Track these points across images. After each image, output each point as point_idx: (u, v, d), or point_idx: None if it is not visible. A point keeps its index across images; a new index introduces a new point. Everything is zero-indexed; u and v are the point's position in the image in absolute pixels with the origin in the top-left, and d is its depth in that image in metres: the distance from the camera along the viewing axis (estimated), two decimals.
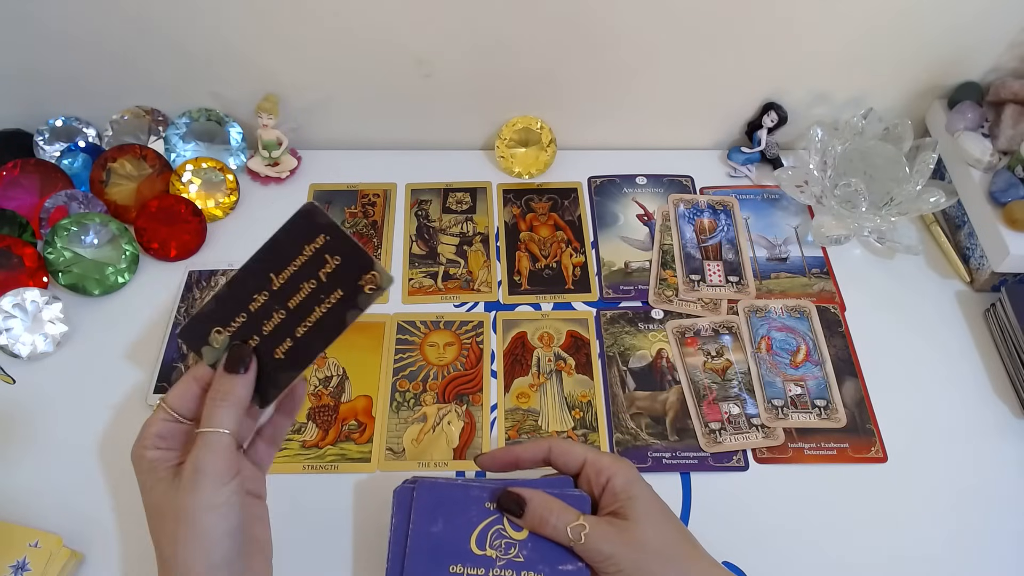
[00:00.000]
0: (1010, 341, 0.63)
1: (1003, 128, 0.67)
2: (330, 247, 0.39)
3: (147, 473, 0.39)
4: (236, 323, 0.41)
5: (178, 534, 0.37)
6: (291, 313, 0.40)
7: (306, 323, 0.41)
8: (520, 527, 0.45)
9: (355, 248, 0.39)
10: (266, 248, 0.40)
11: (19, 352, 0.62)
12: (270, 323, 0.41)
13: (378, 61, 0.71)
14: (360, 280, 0.40)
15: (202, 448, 0.38)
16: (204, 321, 0.41)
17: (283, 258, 0.40)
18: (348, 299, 0.40)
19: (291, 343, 0.41)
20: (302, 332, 0.41)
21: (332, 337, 0.41)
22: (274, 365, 0.41)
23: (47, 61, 0.70)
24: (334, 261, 0.40)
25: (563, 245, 0.72)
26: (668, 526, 0.44)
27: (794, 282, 0.69)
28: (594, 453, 0.46)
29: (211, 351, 0.41)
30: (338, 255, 0.40)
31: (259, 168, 0.76)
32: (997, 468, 0.58)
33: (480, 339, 0.65)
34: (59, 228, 0.66)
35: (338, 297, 0.40)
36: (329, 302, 0.40)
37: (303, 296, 0.40)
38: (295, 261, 0.40)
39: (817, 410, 0.60)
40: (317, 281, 0.40)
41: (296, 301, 0.40)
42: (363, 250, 0.40)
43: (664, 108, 0.77)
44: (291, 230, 0.40)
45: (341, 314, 0.41)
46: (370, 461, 0.58)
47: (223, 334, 0.41)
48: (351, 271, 0.40)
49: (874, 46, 0.70)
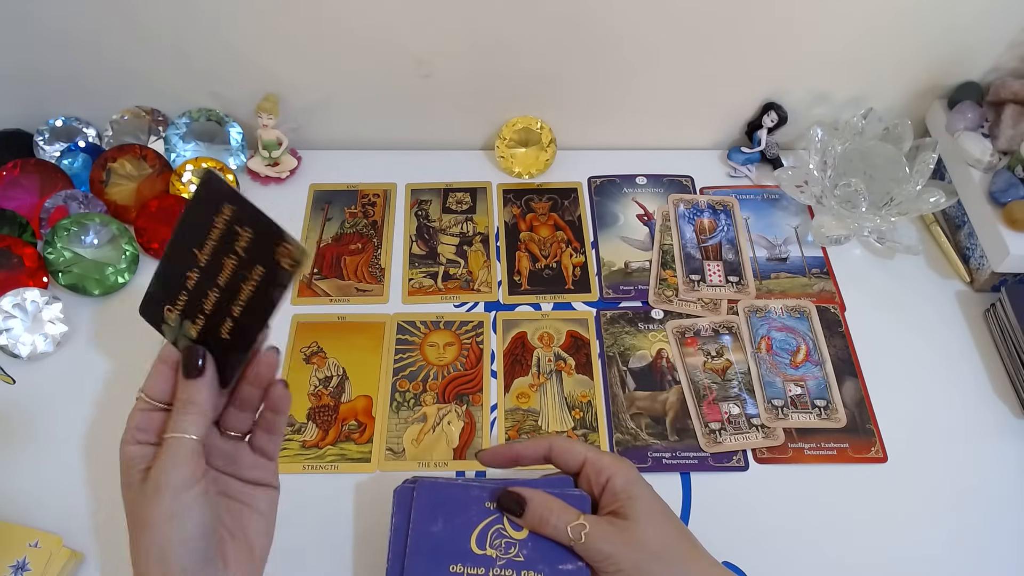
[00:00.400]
0: (1010, 341, 0.63)
1: (1003, 128, 0.67)
2: (237, 217, 0.38)
3: (125, 471, 0.39)
4: (181, 301, 0.40)
5: (140, 541, 0.37)
6: (223, 291, 0.39)
7: (238, 302, 0.39)
8: (520, 527, 0.45)
9: (260, 217, 0.37)
10: (181, 221, 0.39)
11: (19, 352, 0.62)
12: (208, 301, 0.39)
13: (378, 61, 0.71)
14: (275, 254, 0.37)
15: (164, 455, 0.38)
16: (154, 299, 0.41)
17: (198, 231, 0.39)
18: (269, 276, 0.38)
19: (231, 323, 0.39)
20: (237, 312, 0.39)
21: (265, 317, 0.39)
22: (223, 346, 0.40)
23: (47, 61, 0.70)
24: (246, 233, 0.38)
25: (563, 245, 0.72)
26: (668, 526, 0.44)
27: (794, 282, 0.69)
28: (594, 452, 0.46)
29: (169, 329, 0.41)
30: (248, 226, 0.38)
31: (259, 168, 0.76)
32: (997, 468, 0.58)
33: (480, 339, 0.65)
34: (59, 228, 0.66)
35: (260, 274, 0.38)
36: (253, 280, 0.38)
37: (228, 273, 0.39)
38: (210, 234, 0.38)
39: (817, 410, 0.60)
40: (237, 256, 0.38)
41: (224, 279, 0.39)
42: (268, 219, 0.37)
43: (664, 108, 0.77)
44: (197, 201, 0.39)
45: (267, 292, 0.38)
46: (370, 461, 0.58)
47: (174, 312, 0.40)
48: (264, 244, 0.37)
49: (874, 46, 0.70)
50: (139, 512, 0.37)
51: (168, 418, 0.39)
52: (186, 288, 0.40)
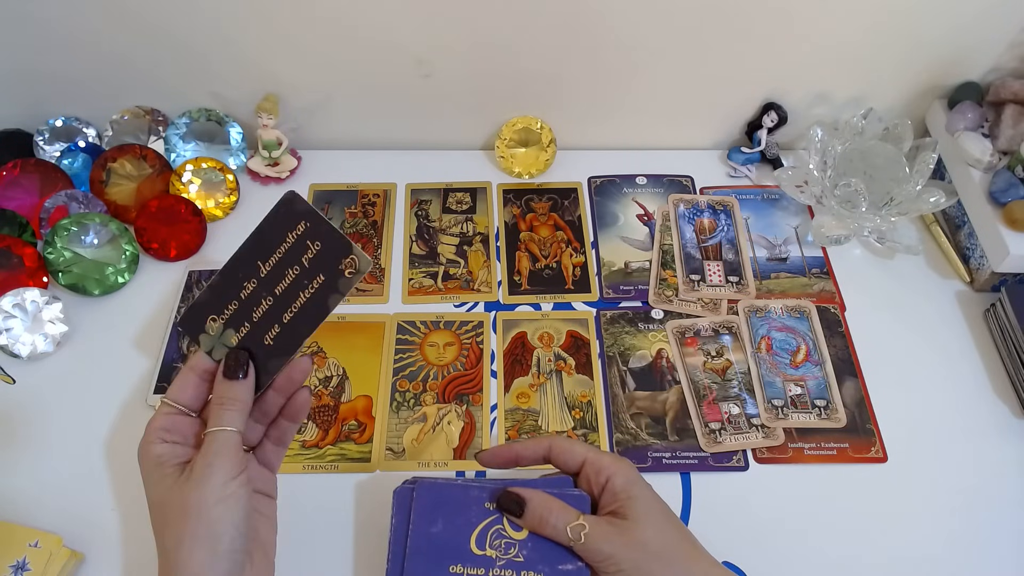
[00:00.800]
0: (1010, 341, 0.63)
1: (1003, 128, 0.67)
2: (311, 233, 0.42)
3: (153, 468, 0.40)
4: (229, 311, 0.43)
5: (184, 527, 0.38)
6: (278, 299, 0.43)
7: (292, 308, 0.43)
8: (520, 527, 0.45)
9: (334, 233, 0.42)
10: (253, 237, 0.43)
11: (19, 352, 0.62)
12: (259, 310, 0.43)
13: (378, 61, 0.71)
14: (340, 264, 0.42)
15: (211, 445, 0.39)
16: (200, 310, 0.44)
17: (268, 246, 0.43)
18: (329, 283, 0.42)
19: (279, 329, 0.43)
20: (288, 318, 0.43)
21: (317, 321, 0.43)
22: (265, 352, 0.43)
23: (47, 61, 0.70)
24: (315, 247, 0.42)
25: (563, 245, 0.72)
26: (668, 526, 0.44)
27: (794, 282, 0.69)
28: (594, 452, 0.46)
29: (208, 338, 0.43)
30: (318, 240, 0.42)
31: (259, 168, 0.76)
32: (997, 468, 0.58)
33: (480, 339, 0.65)
34: (59, 228, 0.66)
35: (320, 282, 0.42)
36: (312, 287, 0.42)
37: (288, 282, 0.43)
38: (279, 248, 0.43)
39: (817, 410, 0.60)
40: (300, 267, 0.42)
41: (282, 287, 0.43)
42: (342, 235, 0.42)
43: (664, 108, 0.77)
44: (274, 218, 0.43)
45: (324, 298, 0.42)
46: (370, 461, 0.58)
47: (218, 321, 0.43)
48: (331, 256, 0.42)
49: (874, 46, 0.70)
50: (180, 501, 0.38)
51: (200, 421, 0.42)
52: (239, 298, 0.43)
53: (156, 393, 0.61)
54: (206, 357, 0.43)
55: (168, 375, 0.62)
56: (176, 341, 0.64)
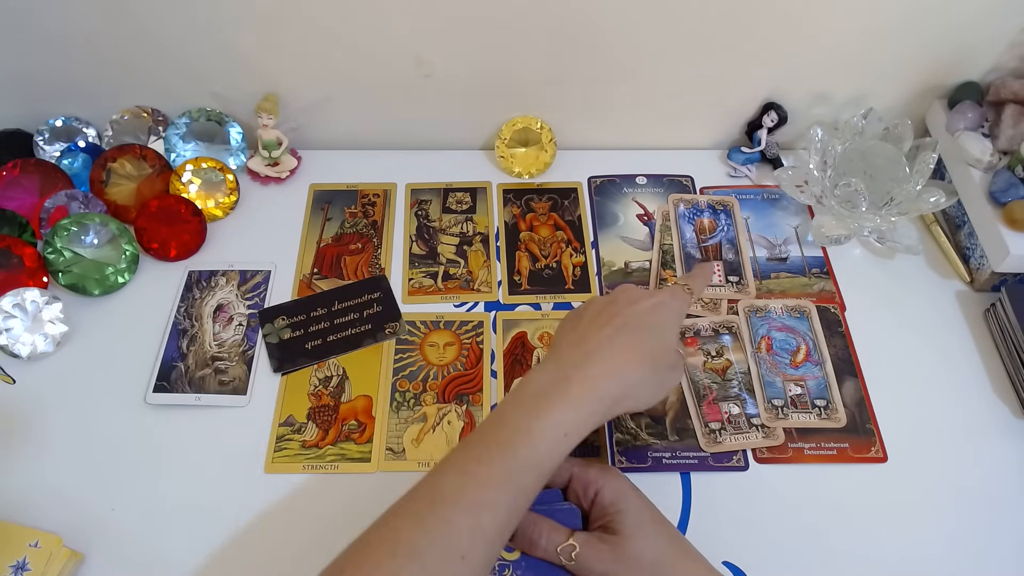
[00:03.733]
0: (1010, 341, 0.63)
1: (1003, 128, 0.67)
2: (380, 300, 0.66)
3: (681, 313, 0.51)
4: (296, 318, 0.65)
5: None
6: (332, 326, 0.64)
7: (337, 335, 0.63)
8: (512, 548, 0.45)
9: (394, 305, 0.66)
10: (345, 287, 0.67)
11: (19, 352, 0.62)
12: (317, 326, 0.64)
13: (378, 61, 0.71)
14: (386, 325, 0.64)
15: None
16: (280, 310, 0.65)
17: (351, 295, 0.66)
18: (371, 332, 0.64)
19: (320, 342, 0.63)
20: (332, 339, 0.63)
21: (347, 350, 0.63)
22: (302, 352, 0.63)
23: (47, 61, 0.70)
24: (377, 308, 0.65)
25: (563, 245, 0.72)
26: (660, 537, 0.44)
27: (794, 282, 0.69)
28: (580, 466, 0.46)
29: (270, 326, 0.64)
30: (381, 306, 0.65)
31: (259, 168, 0.76)
32: (997, 468, 0.58)
33: (480, 339, 0.65)
34: (59, 228, 0.66)
35: (366, 329, 0.64)
36: (359, 328, 0.64)
37: (346, 319, 0.64)
38: (356, 299, 0.66)
39: (817, 410, 0.60)
40: (359, 314, 0.65)
41: (340, 320, 0.64)
42: (398, 309, 0.65)
43: (664, 108, 0.77)
44: (366, 282, 0.67)
45: (360, 339, 0.64)
46: (370, 461, 0.58)
47: (285, 321, 0.64)
48: (384, 317, 0.65)
49: (874, 46, 0.70)
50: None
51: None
52: (306, 314, 0.65)
53: (155, 392, 0.61)
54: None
55: (167, 375, 0.62)
56: (175, 340, 0.64)
